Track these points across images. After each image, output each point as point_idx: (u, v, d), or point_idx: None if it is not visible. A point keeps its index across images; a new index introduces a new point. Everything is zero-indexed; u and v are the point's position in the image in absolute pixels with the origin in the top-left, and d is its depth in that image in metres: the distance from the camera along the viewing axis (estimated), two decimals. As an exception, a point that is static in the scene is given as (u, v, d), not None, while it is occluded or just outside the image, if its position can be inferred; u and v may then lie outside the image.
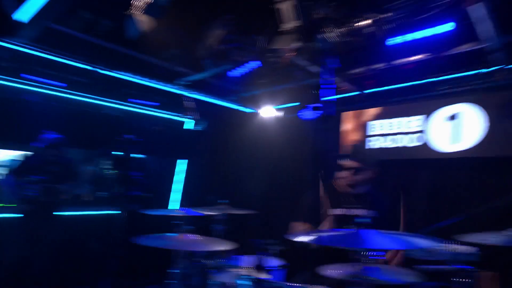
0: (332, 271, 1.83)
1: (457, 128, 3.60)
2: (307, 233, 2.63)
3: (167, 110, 2.45)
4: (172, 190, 5.58)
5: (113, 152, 4.44)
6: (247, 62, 2.82)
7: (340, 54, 2.87)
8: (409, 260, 1.94)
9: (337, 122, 4.50)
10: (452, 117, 3.65)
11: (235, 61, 2.82)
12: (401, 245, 1.53)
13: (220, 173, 5.70)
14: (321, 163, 4.61)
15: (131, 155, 4.58)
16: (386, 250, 2.28)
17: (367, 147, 4.18)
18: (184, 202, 5.65)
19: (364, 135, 4.23)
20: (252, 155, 5.46)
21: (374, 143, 4.16)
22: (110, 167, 4.48)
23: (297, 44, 2.63)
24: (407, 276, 1.87)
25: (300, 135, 4.95)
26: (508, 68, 3.23)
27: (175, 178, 5.78)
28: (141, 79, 4.01)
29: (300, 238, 1.73)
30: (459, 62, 3.35)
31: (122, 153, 4.35)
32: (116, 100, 4.84)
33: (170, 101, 2.51)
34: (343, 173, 2.61)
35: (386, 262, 2.32)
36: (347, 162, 2.58)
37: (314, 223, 2.75)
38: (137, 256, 4.62)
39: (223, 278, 2.23)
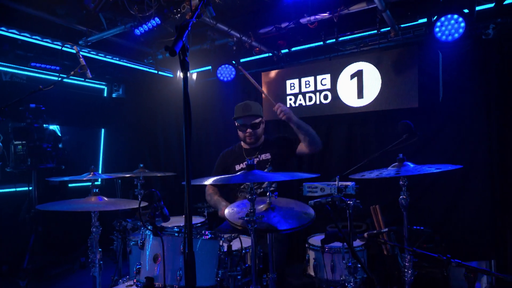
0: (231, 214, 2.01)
1: (360, 85, 3.96)
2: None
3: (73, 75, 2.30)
4: (91, 159, 5.36)
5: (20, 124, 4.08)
6: (150, 18, 2.72)
7: (247, 13, 2.91)
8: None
9: (258, 83, 4.60)
10: (355, 75, 3.98)
11: (136, 16, 2.71)
12: (286, 177, 1.75)
13: (141, 139, 5.57)
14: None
15: (45, 125, 4.25)
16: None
17: (288, 105, 4.38)
18: (104, 169, 5.48)
19: (284, 94, 4.42)
20: (173, 119, 5.38)
21: (293, 102, 4.38)
22: (18, 141, 4.12)
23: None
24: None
25: (220, 98, 4.99)
26: (400, 27, 3.58)
27: (95, 147, 5.53)
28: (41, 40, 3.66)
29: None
30: (358, 22, 3.62)
31: (27, 124, 4.02)
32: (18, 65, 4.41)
33: (74, 64, 2.36)
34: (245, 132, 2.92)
35: None
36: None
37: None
38: (56, 229, 4.45)
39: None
